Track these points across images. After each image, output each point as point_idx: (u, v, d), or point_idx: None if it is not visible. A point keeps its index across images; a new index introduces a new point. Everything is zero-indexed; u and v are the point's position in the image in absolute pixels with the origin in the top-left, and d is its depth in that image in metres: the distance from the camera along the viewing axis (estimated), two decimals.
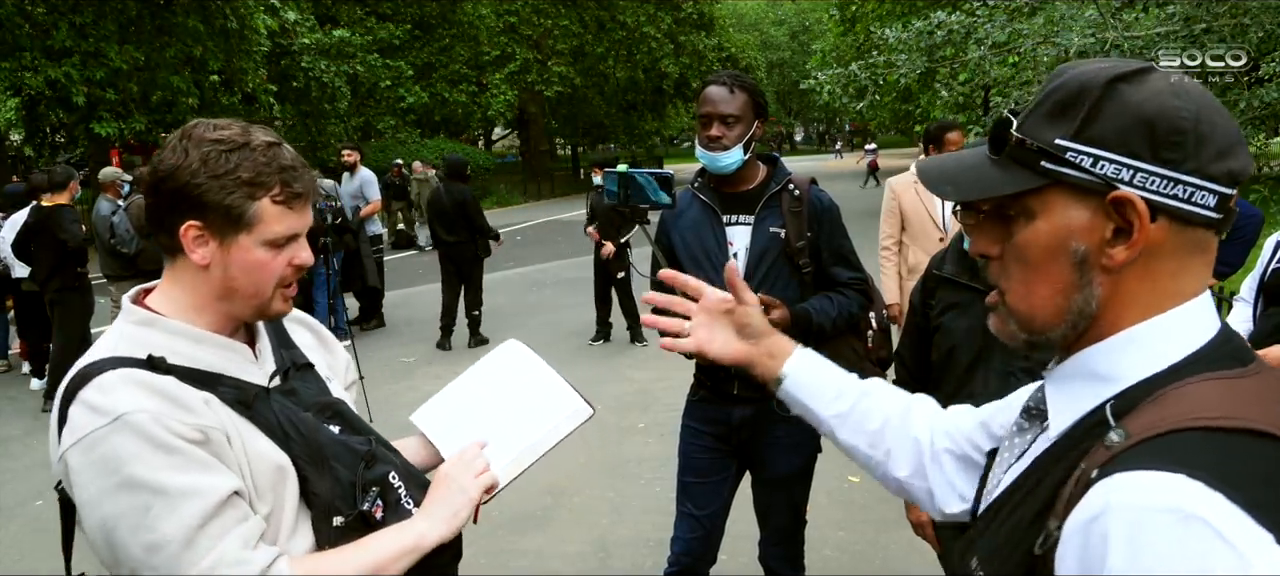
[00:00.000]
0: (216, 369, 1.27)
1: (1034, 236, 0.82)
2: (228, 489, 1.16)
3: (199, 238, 1.24)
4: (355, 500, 1.30)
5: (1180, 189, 0.76)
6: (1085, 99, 0.78)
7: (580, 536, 4.12)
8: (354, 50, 19.52)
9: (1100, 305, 0.81)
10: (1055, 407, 0.85)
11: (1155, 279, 0.79)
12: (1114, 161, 0.77)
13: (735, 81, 2.50)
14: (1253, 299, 2.92)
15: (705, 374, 2.68)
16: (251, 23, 15.57)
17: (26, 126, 16.47)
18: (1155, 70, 0.79)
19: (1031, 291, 0.84)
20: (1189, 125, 0.75)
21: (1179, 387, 0.75)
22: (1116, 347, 0.80)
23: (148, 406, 1.14)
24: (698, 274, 2.54)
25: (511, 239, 16.93)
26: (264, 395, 1.29)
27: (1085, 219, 0.79)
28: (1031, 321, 0.85)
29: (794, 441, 2.65)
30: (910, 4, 15.76)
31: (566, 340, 8.16)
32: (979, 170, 0.85)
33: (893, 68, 9.44)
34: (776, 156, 2.68)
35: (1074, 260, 0.80)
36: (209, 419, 1.19)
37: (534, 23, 26.46)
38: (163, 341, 1.24)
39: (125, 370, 1.18)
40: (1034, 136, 0.81)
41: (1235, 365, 0.77)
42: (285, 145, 1.29)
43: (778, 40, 46.47)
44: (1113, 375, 0.80)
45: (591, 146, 40.07)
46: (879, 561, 3.76)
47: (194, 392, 1.21)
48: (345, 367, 1.59)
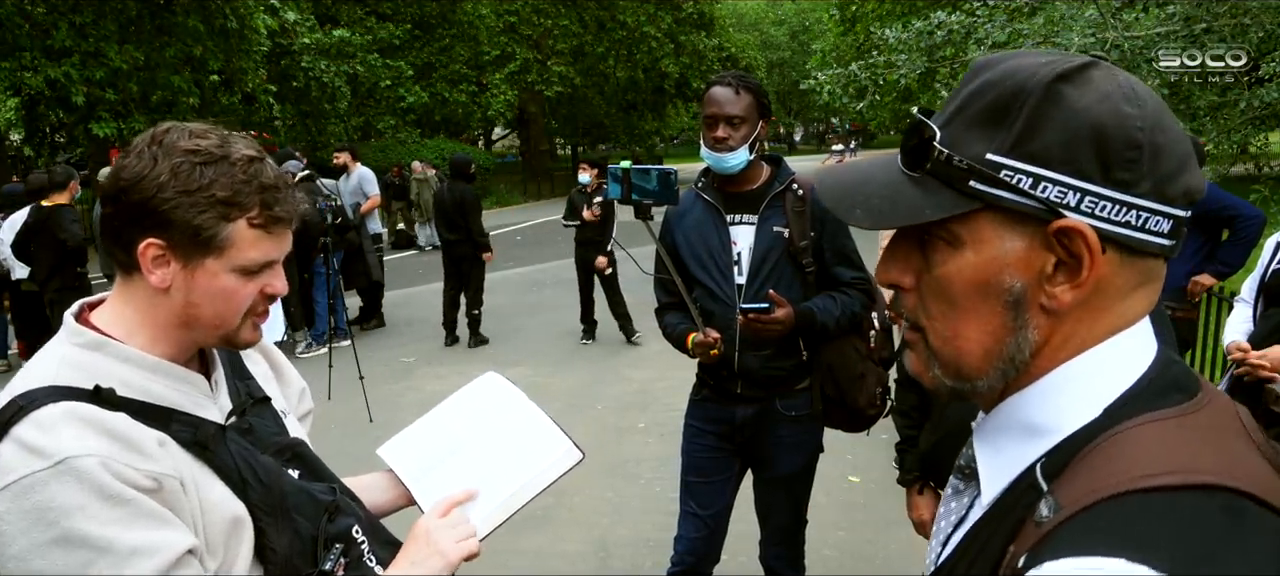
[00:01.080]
0: (170, 404, 1.12)
1: (959, 269, 0.68)
2: (183, 546, 1.01)
3: (159, 258, 1.09)
4: (316, 557, 1.16)
5: (1134, 215, 0.64)
6: (1022, 104, 0.65)
7: (580, 536, 4.12)
8: (354, 50, 19.51)
9: (1035, 352, 0.68)
10: (986, 468, 0.72)
11: (1097, 317, 0.67)
12: (1058, 183, 0.64)
13: (740, 82, 2.49)
14: (1253, 299, 2.92)
15: (708, 373, 2.68)
16: (251, 23, 15.55)
17: (26, 126, 16.46)
18: (1099, 66, 0.67)
19: (956, 333, 0.70)
20: (1144, 137, 0.63)
21: (1115, 436, 0.64)
22: (1047, 393, 0.69)
23: (96, 449, 0.99)
24: (701, 273, 2.57)
25: (511, 239, 16.92)
26: (221, 434, 1.14)
27: (1021, 250, 0.66)
28: (958, 368, 0.71)
29: (796, 441, 2.65)
30: (910, 4, 15.76)
31: (566, 340, 8.16)
32: (893, 189, 0.70)
33: (893, 68, 9.44)
34: (780, 156, 2.69)
35: (1007, 299, 0.67)
36: (164, 464, 1.05)
37: (534, 23, 26.44)
38: (112, 369, 1.09)
39: (69, 404, 1.02)
40: (960, 150, 0.67)
41: (1178, 397, 0.66)
42: (269, 161, 1.15)
43: (778, 40, 46.45)
44: (1044, 426, 0.68)
45: (591, 146, 40.07)
46: (879, 561, 3.76)
47: (147, 432, 1.06)
48: (299, 397, 1.45)
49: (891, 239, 0.75)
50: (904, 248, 0.74)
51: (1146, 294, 0.69)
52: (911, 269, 0.73)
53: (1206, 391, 0.68)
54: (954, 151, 0.67)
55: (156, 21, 14.55)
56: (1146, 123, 0.64)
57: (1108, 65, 0.67)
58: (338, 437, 5.36)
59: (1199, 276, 4.53)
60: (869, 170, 0.74)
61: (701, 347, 2.50)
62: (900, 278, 0.74)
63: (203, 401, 1.17)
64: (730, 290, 2.54)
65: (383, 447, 1.51)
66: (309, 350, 7.85)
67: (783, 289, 2.48)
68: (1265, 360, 2.66)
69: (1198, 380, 0.70)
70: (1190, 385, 0.68)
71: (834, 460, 2.74)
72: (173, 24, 14.64)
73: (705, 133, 2.51)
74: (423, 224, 15.32)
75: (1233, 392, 2.83)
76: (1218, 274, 4.54)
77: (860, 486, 4.47)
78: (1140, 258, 0.66)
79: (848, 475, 4.54)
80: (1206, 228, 4.56)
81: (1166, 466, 0.60)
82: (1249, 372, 2.70)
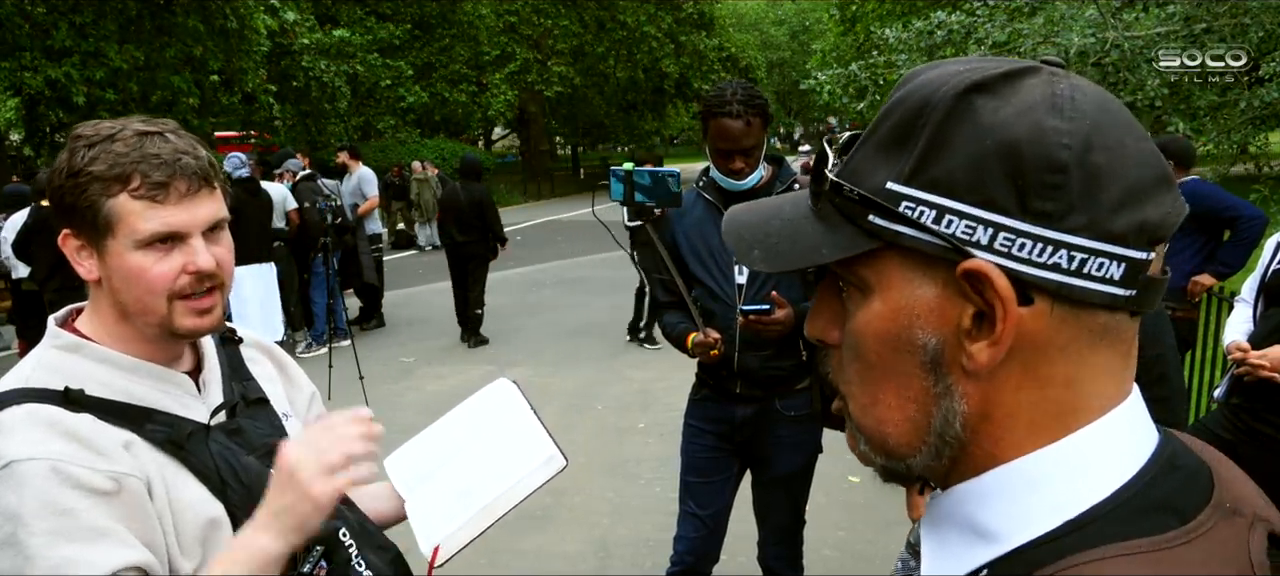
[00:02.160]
0: (148, 403, 1.12)
1: (867, 321, 0.57)
2: (119, 564, 0.98)
3: (80, 248, 1.11)
4: (295, 559, 1.14)
5: (1062, 255, 0.51)
6: (926, 122, 0.53)
7: (580, 536, 4.12)
8: (354, 50, 19.51)
9: (968, 425, 0.55)
10: (928, 561, 0.61)
11: (1042, 386, 0.54)
12: (964, 216, 0.51)
13: (747, 108, 2.41)
14: (1253, 299, 2.92)
15: (707, 373, 2.68)
16: (251, 23, 15.55)
17: (26, 126, 16.46)
18: (1038, 71, 0.54)
19: (875, 399, 0.59)
20: (1071, 157, 0.50)
21: (1071, 569, 0.50)
22: (992, 491, 0.55)
23: (49, 453, 0.99)
24: (702, 273, 2.57)
25: (511, 239, 16.92)
26: (202, 434, 1.14)
27: (933, 298, 0.54)
28: (882, 441, 0.59)
29: (796, 441, 2.65)
30: (910, 4, 15.76)
31: (567, 340, 8.16)
32: (797, 226, 0.60)
33: (893, 68, 9.44)
34: (782, 157, 2.70)
35: (923, 358, 0.55)
36: (125, 464, 1.04)
37: (534, 23, 26.44)
38: (88, 370, 1.10)
39: (34, 406, 1.04)
40: (858, 180, 0.55)
41: (1169, 521, 0.51)
42: (170, 135, 1.11)
43: (778, 40, 46.44)
44: (991, 531, 0.55)
45: (591, 146, 40.06)
46: (879, 561, 3.76)
47: (113, 433, 1.06)
48: (308, 402, 1.44)
49: (817, 288, 0.64)
50: (827, 297, 0.62)
51: (1111, 359, 0.54)
52: (836, 322, 0.61)
53: (1215, 510, 0.53)
54: (851, 182, 0.56)
55: (156, 21, 14.55)
56: (1077, 139, 0.50)
57: (1051, 71, 0.54)
58: None
59: (1199, 276, 4.53)
60: (780, 204, 0.63)
61: (701, 348, 2.50)
62: (826, 332, 0.63)
63: (188, 401, 1.17)
64: (730, 290, 2.54)
65: (388, 459, 1.49)
66: (309, 350, 7.86)
67: (783, 289, 2.48)
68: (1265, 360, 2.66)
69: (1207, 492, 0.54)
70: (1187, 504, 0.53)
71: (834, 460, 2.73)
72: (173, 24, 14.64)
73: (719, 161, 2.49)
74: (423, 224, 15.32)
75: (1233, 392, 2.83)
76: (1218, 274, 4.54)
77: (860, 486, 4.47)
78: (1085, 311, 0.52)
79: (848, 475, 4.54)
80: (1207, 228, 4.56)
81: None
82: (1249, 372, 2.70)
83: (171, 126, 1.14)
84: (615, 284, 10.42)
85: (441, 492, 1.39)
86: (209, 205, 1.13)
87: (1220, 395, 2.91)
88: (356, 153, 9.27)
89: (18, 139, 19.61)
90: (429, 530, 1.35)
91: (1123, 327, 0.54)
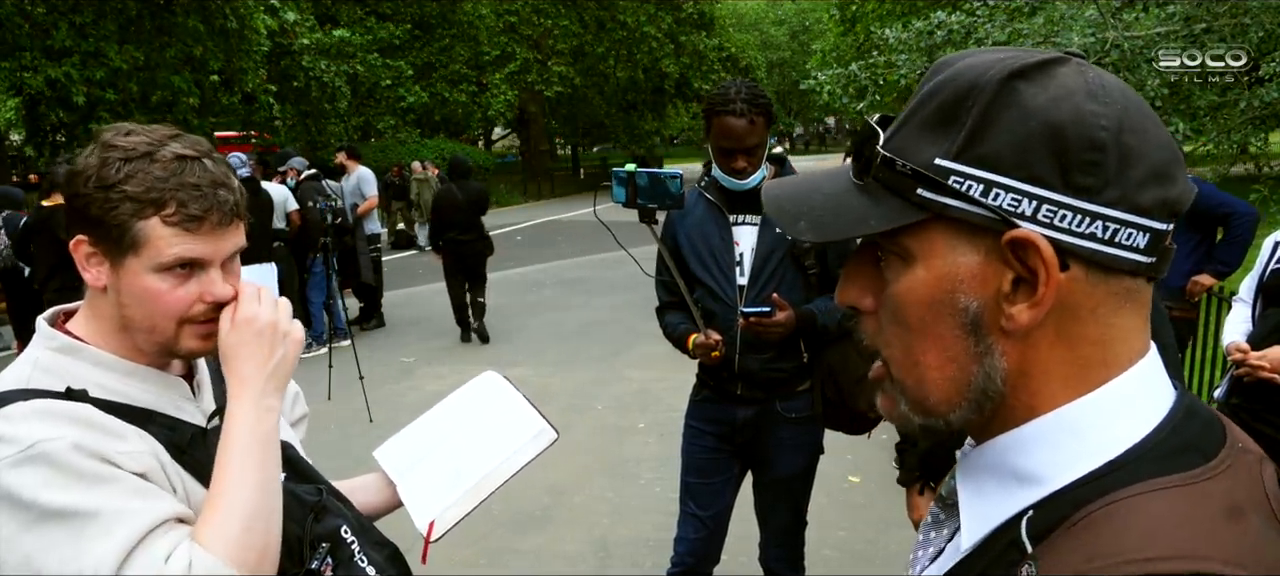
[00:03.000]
0: (149, 405, 1.13)
1: (911, 287, 0.62)
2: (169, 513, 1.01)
3: (92, 255, 1.11)
4: (303, 557, 1.17)
5: (1099, 226, 0.57)
6: (973, 104, 0.59)
7: (580, 536, 4.12)
8: (354, 50, 19.50)
9: (1008, 381, 0.61)
10: (967, 510, 0.65)
11: (1073, 345, 0.60)
12: (1011, 189, 0.57)
13: (751, 107, 2.40)
14: (1252, 299, 2.92)
15: (708, 374, 2.68)
16: (251, 23, 15.55)
17: (27, 126, 16.46)
18: (1068, 62, 0.60)
19: (915, 360, 0.64)
20: (1109, 138, 0.56)
21: (1115, 504, 0.56)
22: (1033, 439, 0.61)
23: (68, 434, 1.00)
24: (703, 273, 2.57)
25: (511, 239, 16.92)
26: (201, 437, 1.15)
27: (976, 265, 0.60)
28: (924, 400, 0.64)
29: (797, 442, 2.65)
30: (910, 4, 15.75)
31: (567, 340, 8.16)
32: (840, 199, 0.65)
33: (893, 68, 9.43)
34: (784, 157, 2.69)
35: (964, 320, 0.61)
36: (141, 446, 1.07)
37: (534, 23, 26.43)
38: (86, 373, 1.10)
39: (41, 401, 1.04)
40: (907, 155, 0.61)
41: (1195, 459, 0.58)
42: (208, 161, 1.12)
43: (778, 40, 46.41)
44: (1032, 475, 0.61)
45: (591, 146, 40.05)
46: (879, 561, 3.76)
47: (125, 425, 1.07)
48: (292, 401, 1.45)
49: (850, 257, 0.69)
50: (862, 266, 0.68)
51: (1133, 320, 0.61)
52: (871, 289, 0.67)
53: (1230, 450, 0.60)
54: (901, 157, 0.61)
55: (156, 21, 14.55)
56: (1112, 122, 0.57)
57: (1079, 62, 0.60)
58: (338, 437, 5.36)
59: (1198, 276, 4.53)
60: (818, 180, 0.68)
61: (703, 349, 2.50)
62: (859, 299, 0.68)
63: (184, 404, 1.18)
64: (732, 291, 2.54)
65: (378, 449, 1.52)
66: (309, 350, 7.85)
67: (785, 290, 2.47)
68: (1265, 360, 2.66)
69: (1222, 434, 0.61)
70: (1209, 445, 0.59)
71: (834, 460, 2.74)
72: (173, 24, 14.64)
73: (720, 159, 2.47)
74: (422, 224, 15.31)
75: (1233, 392, 2.83)
76: (1217, 273, 4.53)
77: (860, 486, 4.47)
78: (1113, 276, 0.59)
79: (848, 475, 4.54)
80: (1202, 227, 4.56)
81: (1168, 549, 0.52)
82: (1249, 373, 2.70)
83: (206, 148, 1.14)
84: (615, 284, 10.42)
85: (433, 474, 1.41)
86: (235, 238, 1.15)
87: (1220, 395, 2.91)
88: (355, 153, 9.27)
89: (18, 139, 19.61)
90: (423, 508, 1.38)
91: (1142, 291, 0.61)
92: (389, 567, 1.30)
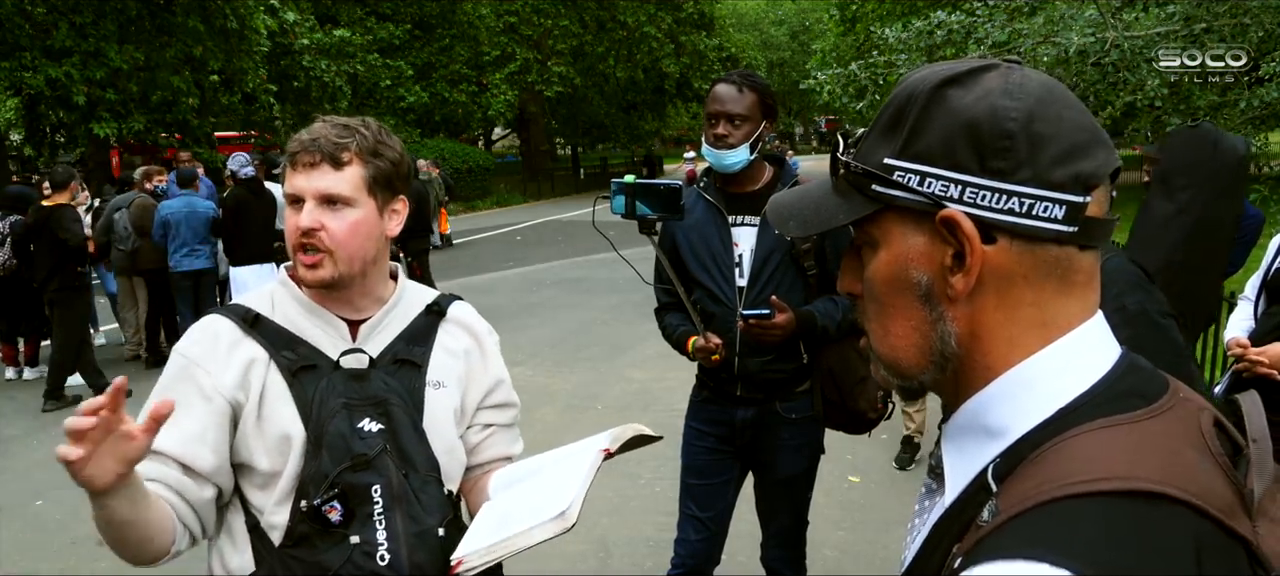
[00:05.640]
0: (303, 334, 1.43)
1: (876, 269, 0.74)
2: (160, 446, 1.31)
3: None
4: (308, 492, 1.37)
5: (1015, 202, 0.66)
6: (911, 110, 0.70)
7: (580, 536, 4.11)
8: (354, 50, 19.52)
9: (962, 344, 0.71)
10: (950, 468, 0.74)
11: (1013, 308, 0.69)
12: (940, 177, 0.68)
13: (745, 81, 2.48)
14: (1255, 298, 2.92)
15: (708, 375, 2.67)
16: (251, 23, 15.56)
17: (26, 126, 16.47)
18: (996, 67, 0.70)
19: (887, 330, 0.75)
20: (1018, 127, 0.66)
21: (1063, 441, 0.64)
22: (996, 397, 0.70)
23: (192, 353, 1.41)
24: (703, 275, 2.56)
25: (511, 239, 16.92)
26: (328, 368, 1.42)
27: (923, 244, 0.71)
28: (896, 364, 0.76)
29: (798, 443, 2.64)
30: (910, 4, 15.75)
31: (567, 340, 8.16)
32: (821, 200, 0.77)
33: (893, 68, 9.42)
34: (783, 157, 2.68)
35: (919, 292, 0.72)
36: (228, 382, 1.39)
37: (534, 23, 26.42)
38: (283, 300, 1.47)
39: (218, 318, 1.45)
40: (864, 158, 0.73)
41: (1136, 403, 0.66)
42: (333, 122, 1.42)
43: (778, 40, 46.38)
44: (999, 427, 0.70)
45: (591, 146, 40.02)
46: (879, 561, 3.76)
47: (248, 353, 1.41)
48: (491, 386, 1.62)
49: (843, 252, 0.82)
50: (850, 258, 0.80)
51: (1066, 285, 0.69)
52: (858, 277, 0.78)
53: (1172, 398, 0.68)
54: (859, 160, 0.73)
55: (156, 21, 14.56)
56: (1022, 113, 0.66)
57: (1008, 67, 0.70)
58: None
59: None
60: (811, 188, 0.81)
61: (702, 353, 2.49)
62: (852, 286, 0.79)
63: (337, 342, 1.45)
64: (731, 293, 2.52)
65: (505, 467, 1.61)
66: None
67: (784, 291, 2.46)
68: (1264, 356, 2.66)
69: (1166, 386, 0.69)
70: (1151, 391, 0.68)
71: (834, 460, 2.73)
72: (173, 24, 14.64)
73: (707, 129, 2.50)
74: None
75: (1233, 388, 2.83)
76: None
77: (860, 486, 4.47)
78: (1038, 245, 0.67)
79: (848, 475, 4.54)
80: None
81: (1105, 472, 0.60)
82: (1248, 368, 2.71)
83: (359, 121, 1.44)
84: (615, 284, 10.41)
85: (498, 509, 1.46)
86: (326, 178, 1.38)
87: (1220, 392, 2.92)
88: None
89: (18, 139, 19.60)
90: (468, 538, 1.42)
91: (1074, 259, 0.69)
92: (408, 543, 1.40)
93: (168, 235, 7.17)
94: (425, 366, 1.50)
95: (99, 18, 13.50)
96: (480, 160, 25.89)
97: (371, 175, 1.40)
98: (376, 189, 1.42)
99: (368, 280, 1.47)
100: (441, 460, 1.49)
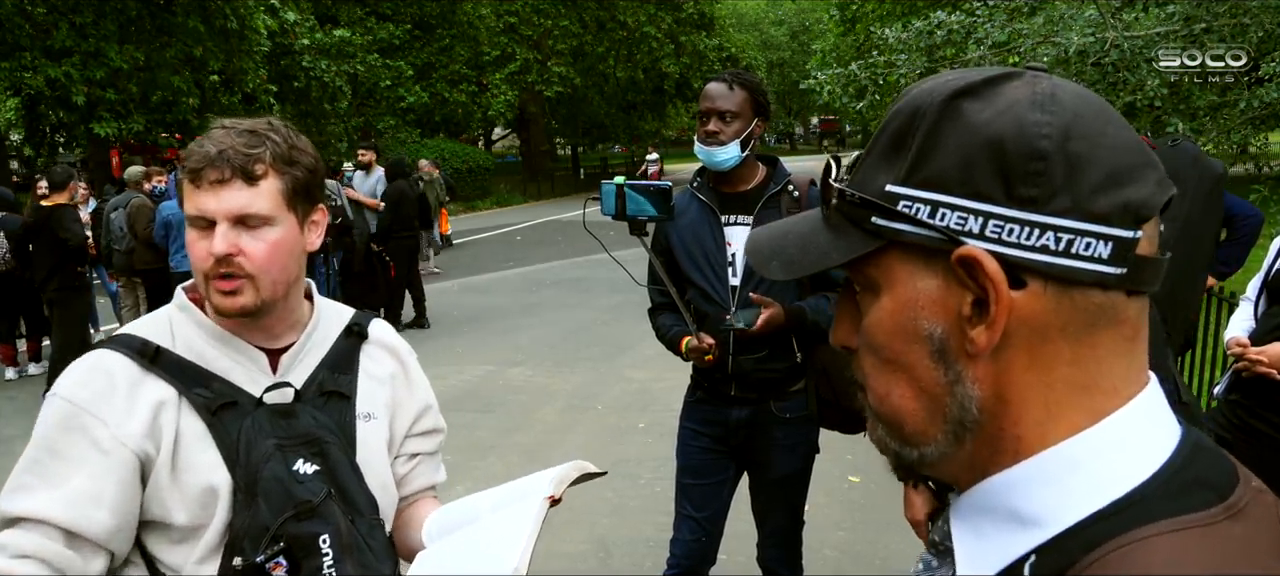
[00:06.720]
0: (214, 369, 1.24)
1: (878, 318, 0.61)
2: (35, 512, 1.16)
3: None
4: (255, 548, 1.19)
5: (1050, 237, 0.53)
6: (919, 126, 0.57)
7: (580, 536, 4.12)
8: (354, 50, 19.51)
9: (985, 410, 0.57)
10: (964, 554, 0.61)
11: (1048, 367, 0.56)
12: (956, 207, 0.55)
13: (736, 79, 2.50)
14: (1255, 298, 2.93)
15: (702, 375, 2.67)
16: (251, 23, 15.55)
17: (26, 126, 16.47)
18: (1019, 76, 0.57)
19: (888, 389, 0.61)
20: (1052, 145, 0.53)
21: (1130, 545, 0.51)
22: (1032, 478, 0.57)
23: (79, 397, 1.20)
24: (696, 275, 2.56)
25: (511, 239, 16.92)
26: (249, 406, 1.23)
27: (935, 289, 0.57)
28: (899, 430, 0.62)
29: (792, 442, 2.64)
30: (910, 4, 15.75)
31: (567, 340, 8.16)
32: (808, 236, 0.64)
33: (893, 68, 9.43)
34: (776, 158, 2.68)
35: (931, 347, 0.58)
36: (133, 431, 1.19)
37: (534, 23, 26.42)
38: (185, 330, 1.26)
39: (110, 352, 1.23)
40: (862, 186, 0.60)
41: (1209, 498, 0.53)
42: (236, 128, 1.23)
43: (778, 40, 46.40)
44: (1035, 516, 0.56)
45: (591, 146, 40.03)
46: (879, 561, 3.76)
47: (154, 393, 1.21)
48: (419, 411, 1.46)
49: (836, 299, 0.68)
50: (845, 304, 0.66)
51: (1112, 337, 0.56)
52: (856, 328, 0.64)
53: (1245, 489, 0.55)
54: (855, 187, 0.60)
55: (156, 21, 14.55)
56: (1056, 130, 0.54)
57: (1034, 75, 0.58)
58: None
59: None
60: (795, 221, 0.68)
61: (696, 352, 2.49)
62: (847, 338, 0.66)
63: (256, 375, 1.27)
64: (724, 292, 2.53)
65: (439, 509, 1.46)
66: None
67: (777, 291, 2.46)
68: (1264, 356, 2.67)
69: (1233, 474, 0.56)
70: (1221, 481, 0.55)
71: (834, 460, 2.73)
72: (173, 24, 14.64)
73: (698, 127, 2.51)
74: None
75: (1232, 388, 2.84)
76: (1218, 274, 4.53)
77: (860, 486, 4.47)
78: (1078, 290, 0.54)
79: (848, 475, 4.54)
80: None
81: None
82: (1248, 368, 2.71)
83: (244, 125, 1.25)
84: (615, 284, 10.41)
85: (436, 560, 1.33)
86: (240, 195, 1.20)
87: (1220, 392, 2.92)
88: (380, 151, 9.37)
89: (18, 139, 19.61)
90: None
91: (1121, 307, 0.56)
92: None
93: (169, 236, 7.18)
94: (354, 397, 1.35)
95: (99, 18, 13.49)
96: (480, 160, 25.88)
97: (289, 187, 1.23)
98: (295, 201, 1.24)
99: (288, 303, 1.30)
100: (378, 498, 1.34)
